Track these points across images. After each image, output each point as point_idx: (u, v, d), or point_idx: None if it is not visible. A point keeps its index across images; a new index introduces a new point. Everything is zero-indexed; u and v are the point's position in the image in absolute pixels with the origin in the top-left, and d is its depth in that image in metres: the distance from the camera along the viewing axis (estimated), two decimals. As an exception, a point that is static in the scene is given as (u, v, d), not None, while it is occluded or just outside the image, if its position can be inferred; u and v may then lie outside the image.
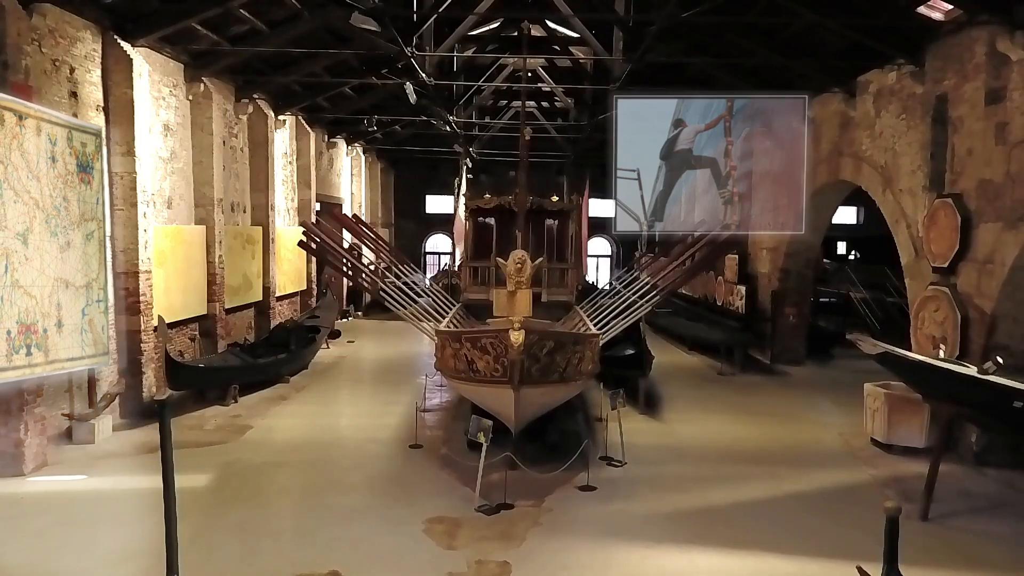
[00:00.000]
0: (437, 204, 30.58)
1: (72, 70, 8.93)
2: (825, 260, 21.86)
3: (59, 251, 7.70)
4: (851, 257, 28.53)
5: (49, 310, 7.54)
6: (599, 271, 31.63)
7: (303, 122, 17.71)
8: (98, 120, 9.35)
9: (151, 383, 10.12)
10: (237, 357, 11.71)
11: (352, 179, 23.41)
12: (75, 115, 8.92)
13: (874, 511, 7.23)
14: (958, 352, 8.57)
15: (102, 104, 9.49)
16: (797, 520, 6.95)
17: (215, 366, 10.98)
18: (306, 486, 7.69)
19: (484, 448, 7.00)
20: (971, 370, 6.66)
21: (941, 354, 7.55)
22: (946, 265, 9.04)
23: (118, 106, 9.62)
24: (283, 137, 16.51)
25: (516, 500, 7.10)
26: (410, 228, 30.82)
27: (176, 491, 4.89)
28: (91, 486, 7.57)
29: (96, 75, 9.41)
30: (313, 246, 11.26)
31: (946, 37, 9.23)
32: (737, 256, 16.73)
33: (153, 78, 10.72)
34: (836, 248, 28.49)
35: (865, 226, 26.98)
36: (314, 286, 18.63)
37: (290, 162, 17.21)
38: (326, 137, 20.02)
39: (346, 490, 7.49)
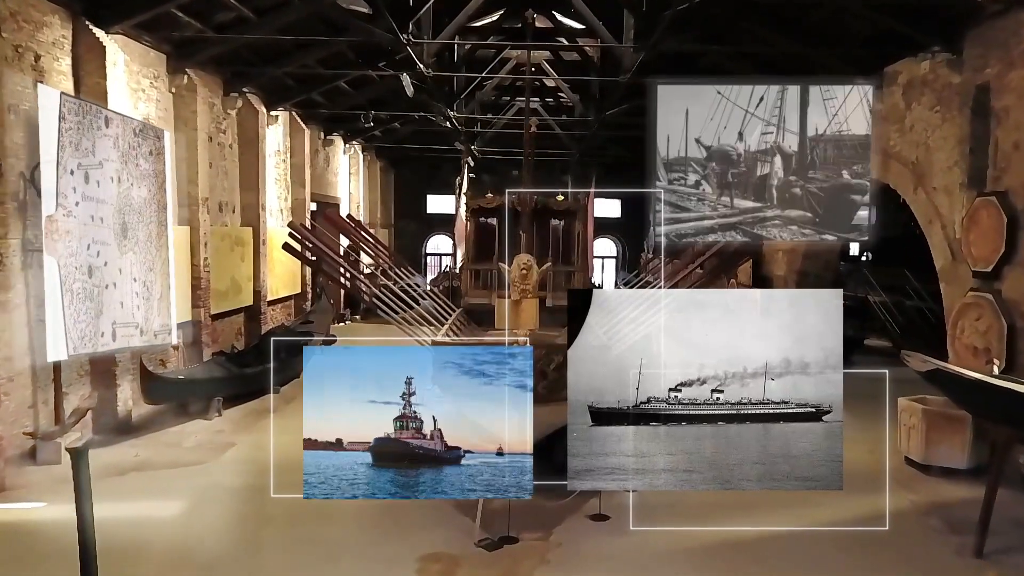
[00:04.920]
0: (439, 204, 29.78)
1: (38, 57, 8.22)
2: (840, 262, 21.06)
3: (145, 243, 9.40)
4: (863, 259, 27.70)
5: (140, 290, 9.23)
6: (604, 273, 30.91)
7: (297, 118, 17.00)
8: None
9: (126, 397, 9.41)
10: (221, 367, 10.99)
11: (350, 178, 22.68)
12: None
13: (918, 545, 6.53)
14: (1004, 365, 7.83)
15: (72, 95, 8.75)
16: (834, 557, 6.24)
17: (195, 377, 10.25)
18: (288, 515, 6.94)
19: (485, 475, 6.26)
20: (1033, 389, 5.92)
21: (995, 370, 6.82)
22: (989, 269, 8.30)
23: (90, 97, 8.85)
24: (276, 134, 15.79)
25: (521, 532, 6.38)
26: (411, 229, 30.06)
27: (141, 524, 4.19)
28: (50, 515, 6.83)
29: (66, 64, 8.69)
30: (304, 251, 10.52)
31: (988, 21, 8.48)
32: (751, 258, 15.95)
33: (132, 68, 10.03)
34: (848, 249, 27.65)
35: (878, 226, 26.12)
36: (309, 289, 17.90)
37: (283, 160, 16.50)
38: (322, 135, 19.30)
39: (332, 520, 6.76)
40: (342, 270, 10.01)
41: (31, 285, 8.09)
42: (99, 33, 8.95)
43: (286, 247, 8.20)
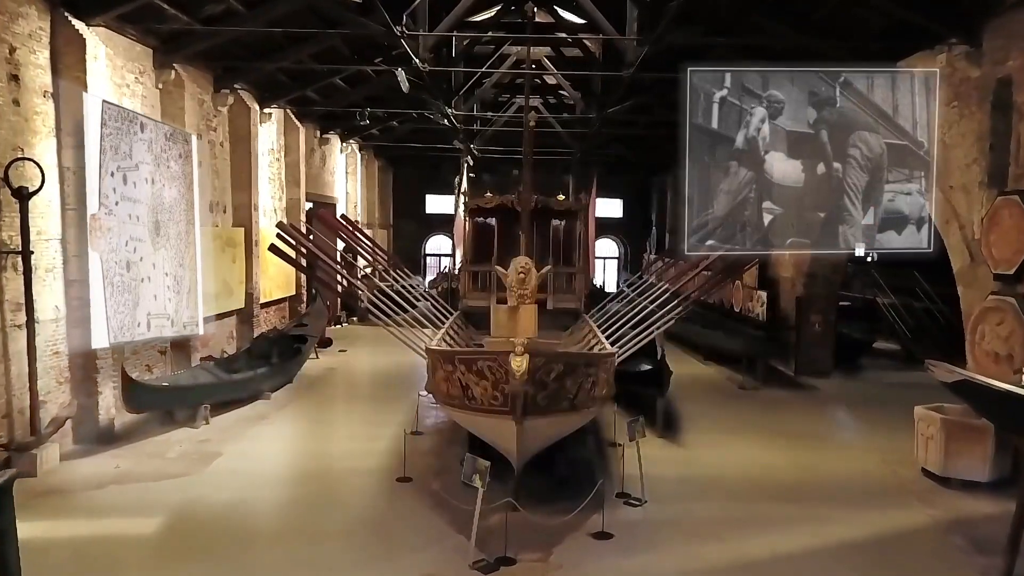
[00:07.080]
0: (438, 204, 29.38)
1: (13, 50, 7.82)
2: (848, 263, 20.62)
3: (175, 240, 9.96)
4: (868, 259, 27.20)
5: (172, 284, 9.89)
6: (606, 273, 30.55)
7: (292, 116, 16.60)
8: (46, 107, 8.27)
9: (108, 404, 9.02)
10: (209, 372, 10.59)
11: (347, 178, 22.28)
12: (16, 101, 7.85)
13: (941, 565, 6.14)
14: (1027, 372, 7.44)
15: (50, 90, 8.37)
16: (852, 578, 5.86)
17: (181, 384, 9.84)
18: (274, 532, 6.58)
19: (480, 493, 5.87)
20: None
21: (1024, 380, 6.44)
22: (1012, 272, 7.90)
23: (69, 92, 8.50)
24: (269, 132, 15.39)
25: (519, 553, 5.96)
26: (410, 229, 29.64)
27: (116, 542, 3.79)
28: (24, 533, 6.38)
29: (43, 57, 8.29)
30: (298, 256, 10.13)
31: (1009, 12, 8.10)
32: (757, 261, 15.54)
33: (116, 63, 9.64)
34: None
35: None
36: (304, 291, 17.49)
37: (277, 159, 16.10)
38: (318, 133, 18.90)
39: (320, 538, 6.37)
40: (332, 272, 9.64)
41: (6, 289, 7.72)
42: (79, 25, 8.56)
43: (272, 248, 7.83)
